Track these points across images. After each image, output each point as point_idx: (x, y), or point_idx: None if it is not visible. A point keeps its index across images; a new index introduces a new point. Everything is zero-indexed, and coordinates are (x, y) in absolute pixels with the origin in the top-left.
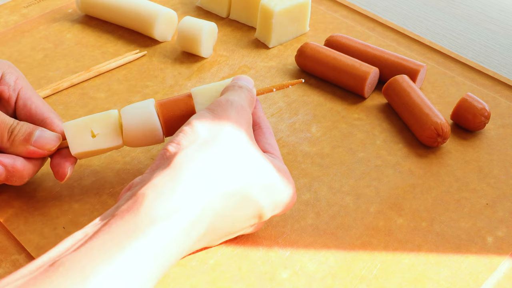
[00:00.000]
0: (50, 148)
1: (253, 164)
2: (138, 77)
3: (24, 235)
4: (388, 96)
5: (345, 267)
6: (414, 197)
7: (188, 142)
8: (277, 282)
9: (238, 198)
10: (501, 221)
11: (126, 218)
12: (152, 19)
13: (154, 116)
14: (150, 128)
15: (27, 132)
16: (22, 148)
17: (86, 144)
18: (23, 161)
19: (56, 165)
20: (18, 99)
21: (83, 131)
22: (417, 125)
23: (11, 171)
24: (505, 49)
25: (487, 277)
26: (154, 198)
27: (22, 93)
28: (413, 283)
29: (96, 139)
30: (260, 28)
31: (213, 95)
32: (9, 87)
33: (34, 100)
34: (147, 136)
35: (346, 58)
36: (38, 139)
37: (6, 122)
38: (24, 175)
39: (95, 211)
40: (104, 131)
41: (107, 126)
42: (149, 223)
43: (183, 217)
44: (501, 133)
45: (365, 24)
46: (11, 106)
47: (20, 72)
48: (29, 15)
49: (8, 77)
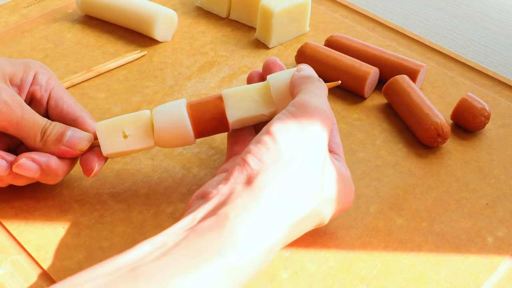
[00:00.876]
0: (82, 148)
1: (326, 180)
2: (138, 77)
3: (24, 235)
4: (388, 96)
5: (345, 267)
6: (414, 197)
7: (271, 161)
8: (277, 282)
9: (309, 217)
10: (501, 221)
11: (207, 237)
12: (152, 19)
13: (186, 117)
14: (181, 130)
15: (59, 132)
16: (54, 148)
17: (117, 144)
18: (57, 160)
19: (85, 160)
20: (50, 99)
21: (115, 131)
22: (417, 125)
23: (46, 169)
24: (505, 49)
25: (487, 277)
26: (237, 222)
27: (54, 93)
28: (413, 283)
29: (127, 140)
30: (260, 28)
31: (245, 99)
32: (41, 87)
33: (65, 99)
34: (178, 137)
35: (346, 58)
36: (70, 139)
37: (39, 123)
38: (58, 173)
39: (95, 211)
40: (136, 131)
41: (139, 127)
42: (230, 247)
43: (263, 242)
44: (501, 133)
45: (365, 24)
46: (43, 106)
47: (51, 72)
48: (29, 15)
49: (40, 77)
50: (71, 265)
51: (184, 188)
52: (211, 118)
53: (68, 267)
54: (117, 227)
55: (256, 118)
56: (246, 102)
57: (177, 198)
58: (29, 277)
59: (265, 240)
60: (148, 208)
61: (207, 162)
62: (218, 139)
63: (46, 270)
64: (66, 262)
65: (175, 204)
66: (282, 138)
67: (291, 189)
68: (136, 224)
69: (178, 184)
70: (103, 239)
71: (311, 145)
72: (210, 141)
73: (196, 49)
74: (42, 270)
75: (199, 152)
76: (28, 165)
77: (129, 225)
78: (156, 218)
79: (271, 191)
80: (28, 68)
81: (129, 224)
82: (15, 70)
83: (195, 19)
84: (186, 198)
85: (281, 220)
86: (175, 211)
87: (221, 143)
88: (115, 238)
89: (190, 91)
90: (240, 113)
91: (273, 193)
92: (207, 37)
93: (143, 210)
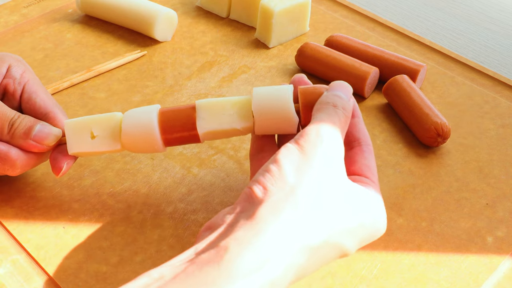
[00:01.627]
0: (49, 144)
1: (341, 209)
2: (138, 77)
3: (24, 235)
4: (388, 96)
5: (345, 267)
6: (414, 197)
7: (275, 189)
8: None
9: (323, 249)
10: (501, 221)
11: (205, 270)
12: (152, 19)
13: (154, 124)
14: (148, 136)
15: (27, 126)
16: (22, 142)
17: (84, 144)
18: (18, 151)
19: (54, 159)
20: (23, 93)
21: (83, 131)
22: (417, 125)
23: (3, 158)
24: (505, 49)
25: (487, 277)
26: (236, 254)
27: (28, 87)
28: (413, 283)
29: (94, 141)
30: (260, 28)
31: (219, 111)
32: (14, 80)
33: (39, 94)
34: (145, 143)
35: (346, 58)
36: (38, 133)
37: (7, 115)
38: (16, 165)
39: (95, 211)
40: (104, 133)
41: (107, 128)
42: (228, 281)
43: (264, 276)
44: (501, 133)
45: (365, 24)
46: (16, 100)
47: (27, 66)
48: (29, 15)
49: (14, 70)
50: (71, 265)
51: (184, 188)
52: (181, 127)
53: (68, 267)
54: (117, 227)
55: (228, 132)
56: (219, 115)
57: (177, 198)
58: (29, 277)
59: (267, 273)
60: (148, 208)
61: (207, 162)
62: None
63: (46, 270)
64: (66, 262)
65: (175, 204)
66: (287, 165)
67: (296, 220)
68: (136, 224)
69: (178, 183)
70: (103, 239)
71: (316, 172)
72: (210, 141)
73: (196, 49)
74: (42, 270)
75: (199, 152)
76: None
77: (129, 225)
78: (156, 218)
79: (274, 222)
80: (1, 61)
81: (129, 224)
82: None
83: (195, 19)
84: (186, 198)
85: (285, 252)
86: (175, 211)
87: (221, 142)
88: (115, 238)
89: (190, 91)
90: (211, 125)
91: (277, 225)
92: (207, 37)
93: (143, 210)
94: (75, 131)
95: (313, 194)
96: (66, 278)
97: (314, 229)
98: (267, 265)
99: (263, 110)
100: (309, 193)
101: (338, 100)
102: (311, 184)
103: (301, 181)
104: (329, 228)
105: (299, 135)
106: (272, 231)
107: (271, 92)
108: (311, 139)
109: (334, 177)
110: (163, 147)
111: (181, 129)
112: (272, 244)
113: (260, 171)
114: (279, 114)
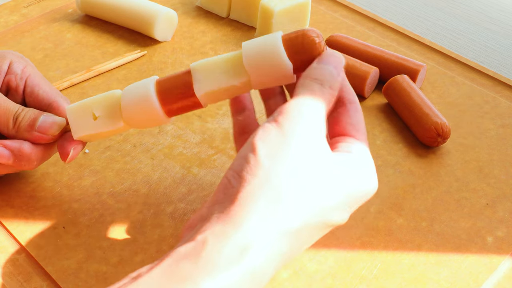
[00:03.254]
0: (53, 133)
1: (322, 186)
2: (138, 77)
3: (24, 235)
4: (388, 96)
5: (345, 267)
6: (414, 197)
7: (250, 176)
8: (277, 282)
9: (305, 231)
10: (501, 221)
11: (182, 265)
12: (152, 19)
13: (152, 95)
14: (148, 108)
15: (31, 118)
16: (28, 134)
17: (87, 127)
18: (30, 145)
19: (60, 146)
20: (26, 87)
21: (85, 113)
22: (417, 125)
23: (18, 155)
24: (505, 49)
25: (487, 277)
26: (214, 247)
27: (30, 81)
28: (413, 283)
29: (97, 122)
30: (260, 28)
31: (214, 70)
32: (16, 76)
33: (41, 86)
34: (147, 116)
35: (346, 58)
36: (42, 124)
37: (10, 109)
38: (32, 159)
39: (95, 211)
40: (105, 113)
41: (108, 107)
42: (206, 276)
43: (244, 267)
44: (501, 133)
45: (365, 24)
46: (20, 95)
47: (28, 61)
48: (29, 15)
49: (15, 66)
50: (71, 265)
51: (184, 188)
52: (180, 94)
53: (68, 267)
54: (117, 227)
55: (228, 90)
56: (215, 74)
57: (177, 198)
58: (29, 277)
59: (247, 265)
60: (148, 207)
61: (207, 162)
62: (217, 139)
63: (46, 270)
64: (66, 262)
65: (175, 204)
66: (263, 149)
67: (272, 205)
68: (136, 224)
69: (178, 183)
70: (103, 239)
71: (296, 153)
72: (210, 141)
73: (196, 49)
74: (42, 270)
75: (199, 152)
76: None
77: (129, 225)
78: (156, 218)
79: (250, 210)
80: (3, 58)
81: (129, 224)
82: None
83: (195, 19)
84: (186, 198)
85: (264, 241)
86: (175, 210)
87: (221, 142)
88: (115, 238)
89: None
90: (208, 86)
91: (253, 213)
92: (207, 37)
93: (143, 210)
94: (77, 115)
95: (290, 176)
96: (66, 278)
97: (291, 213)
98: (246, 256)
99: (255, 62)
100: (285, 176)
101: (326, 77)
102: (288, 166)
103: (277, 164)
104: (308, 209)
105: (278, 112)
106: (248, 221)
107: (260, 43)
108: (290, 116)
109: (314, 155)
110: (166, 118)
111: (180, 96)
112: (250, 235)
113: (236, 158)
114: (271, 64)
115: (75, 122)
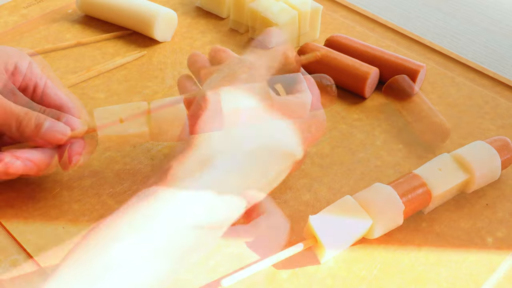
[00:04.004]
0: (58, 141)
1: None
2: (138, 77)
3: (24, 235)
4: (388, 96)
5: (345, 267)
6: None
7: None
8: (277, 283)
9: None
10: (501, 221)
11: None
12: (152, 19)
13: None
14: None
15: (35, 123)
16: (32, 140)
17: (113, 128)
18: (39, 154)
19: (61, 155)
20: (45, 88)
21: (112, 116)
22: (417, 126)
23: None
24: (505, 49)
25: (487, 277)
26: (178, 168)
27: (49, 82)
28: (413, 283)
29: (123, 124)
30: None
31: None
32: (36, 76)
33: (58, 89)
34: (174, 129)
35: (346, 58)
36: (47, 130)
37: (13, 112)
38: (41, 167)
39: (94, 211)
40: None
41: (135, 114)
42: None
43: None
44: (501, 133)
45: (365, 24)
46: (38, 95)
47: (45, 62)
48: (29, 15)
49: (35, 66)
50: None
51: None
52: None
53: None
54: None
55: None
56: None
57: None
58: (29, 277)
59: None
60: None
61: None
62: None
63: (46, 270)
64: None
65: None
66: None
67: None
68: None
69: None
70: None
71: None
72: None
73: (196, 49)
74: (42, 270)
75: None
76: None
77: None
78: None
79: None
80: (22, 57)
81: None
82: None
83: (195, 19)
84: None
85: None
86: None
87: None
88: None
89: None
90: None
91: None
92: (207, 37)
93: None
94: (104, 117)
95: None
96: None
97: (247, 137)
98: (205, 169)
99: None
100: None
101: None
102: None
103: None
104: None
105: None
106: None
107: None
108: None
109: None
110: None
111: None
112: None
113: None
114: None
115: (102, 122)
